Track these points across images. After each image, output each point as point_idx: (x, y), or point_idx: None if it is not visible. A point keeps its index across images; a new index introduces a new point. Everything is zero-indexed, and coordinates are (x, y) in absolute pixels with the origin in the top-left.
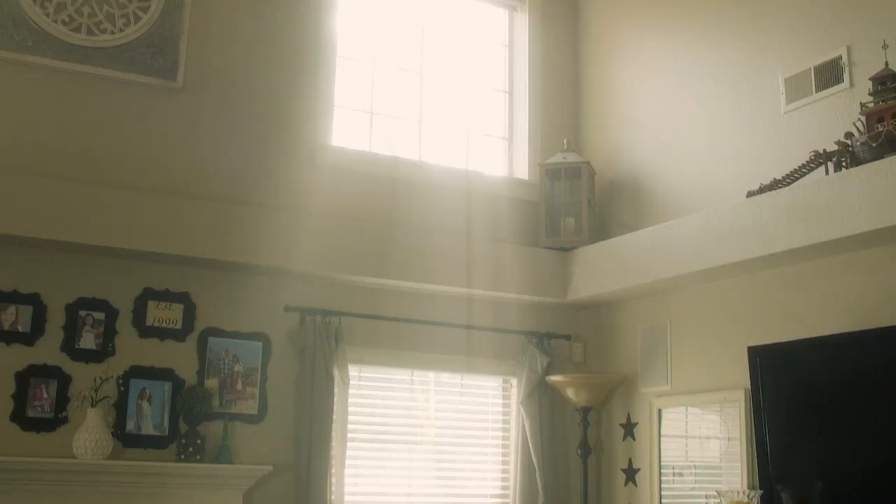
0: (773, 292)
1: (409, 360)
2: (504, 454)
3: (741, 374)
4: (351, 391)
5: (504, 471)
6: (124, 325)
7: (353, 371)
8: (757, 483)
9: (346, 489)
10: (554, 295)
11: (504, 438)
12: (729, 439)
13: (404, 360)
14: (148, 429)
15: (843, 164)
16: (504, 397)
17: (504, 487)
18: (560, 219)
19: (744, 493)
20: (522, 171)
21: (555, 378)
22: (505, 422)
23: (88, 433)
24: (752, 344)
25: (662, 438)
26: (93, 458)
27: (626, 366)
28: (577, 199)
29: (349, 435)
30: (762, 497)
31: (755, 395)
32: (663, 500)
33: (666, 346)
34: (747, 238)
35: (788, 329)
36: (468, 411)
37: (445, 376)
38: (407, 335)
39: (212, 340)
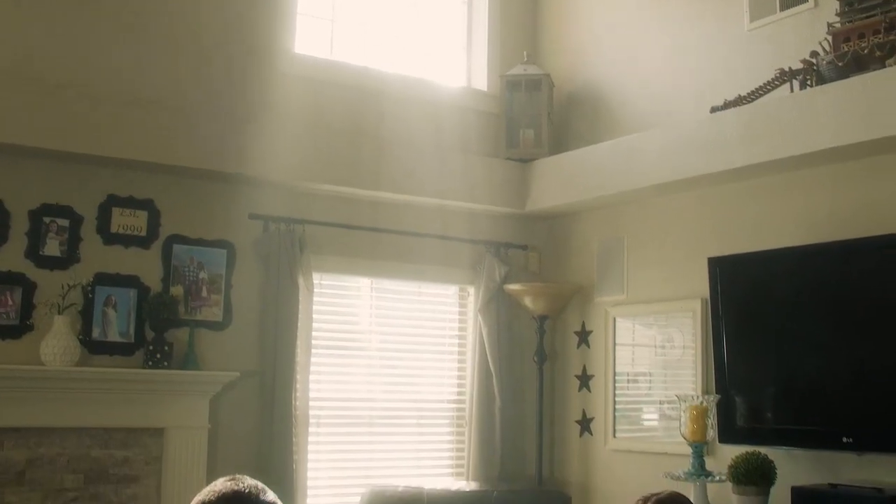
0: (733, 206)
1: (369, 268)
2: (460, 361)
3: (698, 285)
4: (314, 298)
5: (460, 377)
6: (89, 232)
7: (316, 279)
8: (713, 388)
9: (311, 395)
10: (512, 206)
11: (460, 346)
12: (684, 347)
13: (365, 269)
14: (114, 336)
15: (809, 82)
16: (461, 305)
17: (460, 393)
18: (519, 131)
19: (702, 397)
20: (482, 82)
21: (513, 287)
22: (461, 329)
23: (56, 340)
24: (709, 255)
25: (617, 346)
26: (61, 365)
27: (582, 276)
28: (537, 112)
29: (313, 342)
30: (719, 402)
31: (714, 304)
32: (617, 405)
33: (622, 256)
34: (710, 153)
35: (746, 242)
36: (425, 319)
37: (404, 284)
38: (367, 244)
39: (176, 248)
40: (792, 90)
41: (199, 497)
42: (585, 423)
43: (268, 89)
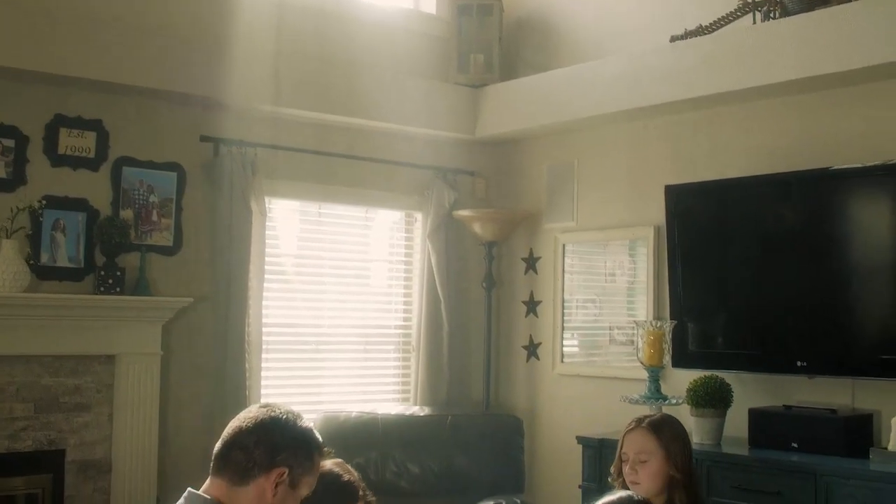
0: (689, 135)
1: (318, 193)
2: (406, 287)
3: (651, 213)
4: (267, 223)
5: (406, 303)
6: (35, 153)
7: (266, 204)
8: (664, 314)
9: (263, 320)
10: (461, 131)
11: (406, 272)
12: (635, 274)
13: (314, 194)
14: (63, 261)
15: (772, 14)
16: (407, 231)
17: (406, 319)
18: (470, 56)
19: (659, 323)
20: (431, 6)
21: (462, 213)
22: (407, 255)
23: (5, 265)
24: (661, 183)
25: (566, 273)
26: (10, 291)
27: (531, 203)
28: (488, 37)
29: (265, 267)
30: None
31: (670, 232)
32: (565, 330)
33: (572, 184)
34: (668, 82)
35: (701, 171)
36: (373, 244)
37: (352, 210)
38: (316, 168)
39: (126, 170)
40: (755, 22)
41: (235, 423)
42: (532, 349)
43: (219, 9)
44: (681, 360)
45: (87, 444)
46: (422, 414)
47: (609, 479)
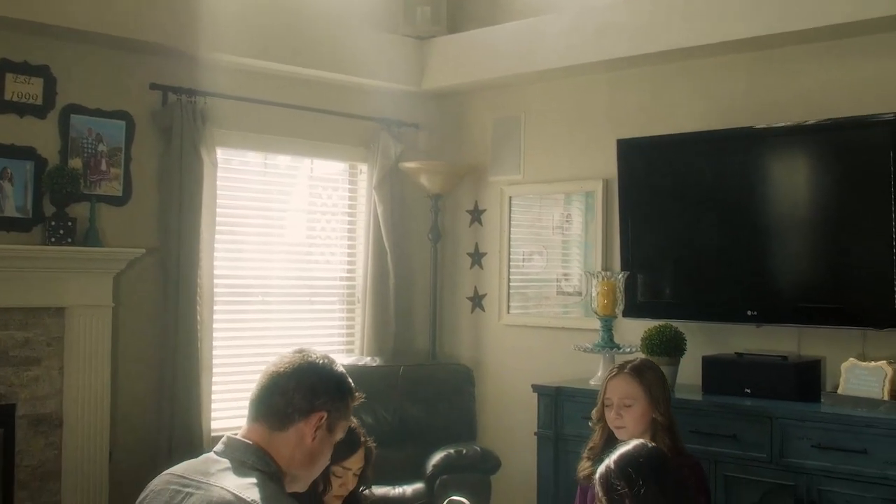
0: (637, 90)
1: (265, 143)
2: (350, 238)
3: (599, 166)
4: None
5: (350, 254)
6: None
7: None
8: (613, 266)
9: (214, 272)
10: (408, 83)
11: (350, 223)
12: (583, 226)
13: (261, 144)
14: (10, 211)
15: None
16: (351, 182)
17: (350, 270)
18: (417, 8)
19: (612, 274)
20: None
21: (409, 165)
22: (351, 206)
23: None
24: (608, 137)
25: (513, 225)
26: None
27: (478, 155)
28: None
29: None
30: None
31: (621, 185)
32: (511, 282)
33: (519, 137)
34: (616, 38)
35: (649, 126)
36: (318, 195)
37: (298, 160)
38: (262, 118)
39: (74, 118)
40: None
41: (271, 369)
42: (477, 300)
43: None
44: (631, 310)
45: (38, 398)
46: (374, 364)
47: (589, 424)
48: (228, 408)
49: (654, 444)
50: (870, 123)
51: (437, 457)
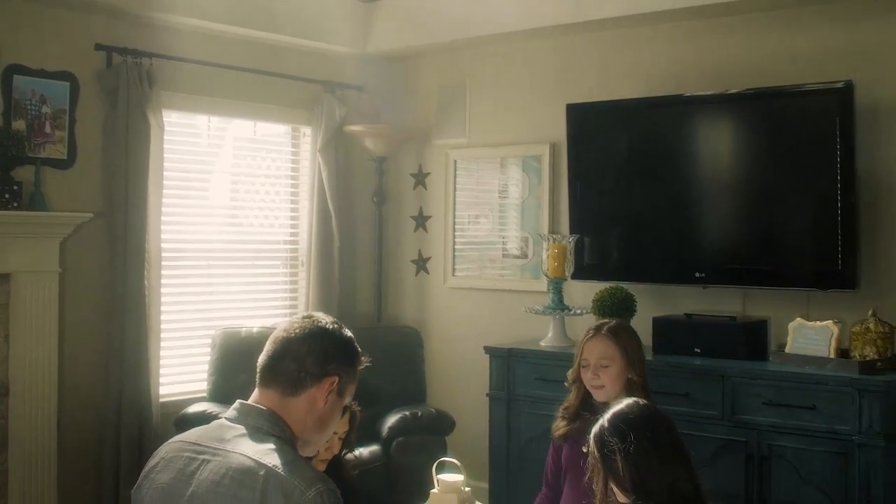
0: (581, 56)
1: (209, 105)
2: (293, 201)
3: (546, 130)
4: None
5: (293, 217)
6: None
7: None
8: (560, 229)
9: (166, 236)
10: (352, 46)
11: (293, 186)
12: (528, 190)
13: (205, 106)
14: None
15: None
16: (294, 145)
17: (293, 234)
18: None
19: (563, 237)
20: None
21: (353, 128)
22: (294, 170)
23: None
24: (554, 102)
25: (458, 189)
26: None
27: (423, 119)
28: None
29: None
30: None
31: (570, 149)
32: (457, 245)
33: (464, 100)
34: (567, 4)
35: (596, 92)
36: (260, 158)
37: (241, 122)
38: (206, 80)
39: (17, 79)
40: None
41: (281, 334)
42: (421, 263)
43: None
44: (579, 273)
45: None
46: None
47: (565, 384)
48: (177, 373)
49: (645, 403)
50: (818, 91)
51: (392, 419)
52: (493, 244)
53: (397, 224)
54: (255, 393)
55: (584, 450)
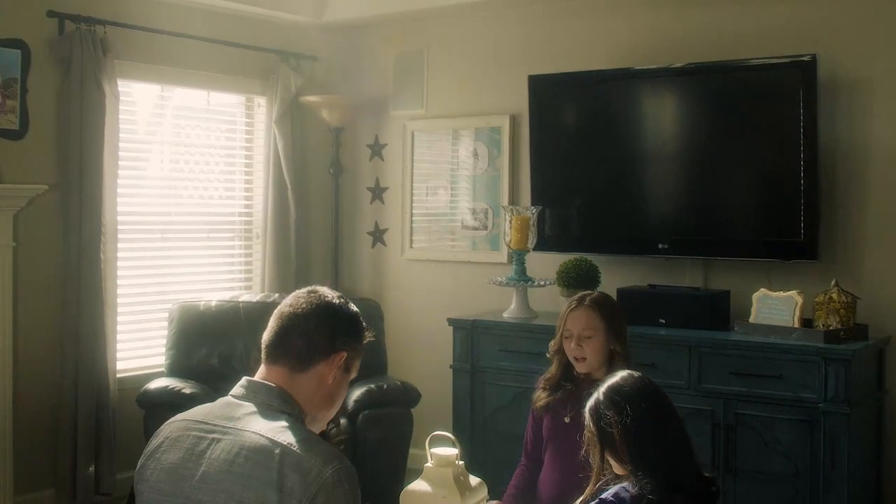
0: (540, 27)
1: (162, 75)
2: (247, 173)
3: (506, 101)
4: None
5: (248, 189)
6: None
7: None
8: (520, 201)
9: (121, 208)
10: (307, 14)
11: (247, 157)
12: (490, 161)
13: (158, 76)
14: None
15: None
16: (248, 116)
17: (247, 206)
18: None
19: (526, 209)
20: None
21: (309, 98)
22: (248, 141)
23: None
24: (513, 74)
25: (416, 160)
26: None
27: (379, 89)
28: None
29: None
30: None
31: (532, 121)
32: (414, 217)
33: (422, 71)
34: None
35: (556, 63)
36: (214, 129)
37: (194, 92)
38: (159, 49)
39: None
40: None
41: (287, 309)
42: (378, 235)
43: None
44: (541, 244)
45: None
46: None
47: (547, 355)
48: (133, 347)
49: (640, 374)
50: (783, 65)
51: (357, 392)
52: (451, 216)
53: (353, 196)
54: (262, 369)
55: (566, 420)
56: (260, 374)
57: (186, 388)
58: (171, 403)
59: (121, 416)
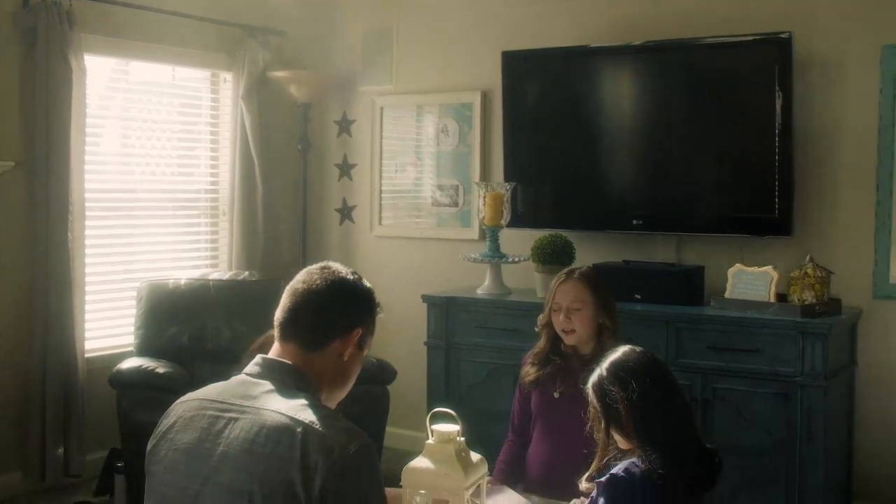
0: (515, 2)
1: (128, 49)
2: (213, 149)
3: (476, 77)
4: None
5: (213, 166)
6: None
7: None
8: (491, 177)
9: (89, 185)
10: None
11: (213, 133)
12: (460, 138)
13: (123, 50)
14: None
15: None
16: (213, 91)
17: (213, 183)
18: None
19: (499, 185)
20: None
21: (278, 74)
22: (214, 116)
23: None
24: (484, 50)
25: (385, 137)
26: None
27: (348, 65)
28: None
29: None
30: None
31: (505, 97)
32: (383, 193)
33: (391, 46)
34: None
35: (533, 38)
36: (180, 104)
37: (159, 67)
38: (124, 22)
39: None
40: None
41: (301, 286)
42: (346, 212)
43: None
44: (514, 221)
45: None
46: (254, 279)
47: (535, 329)
48: (102, 326)
49: (642, 349)
50: (759, 41)
51: None
52: (421, 193)
53: (321, 172)
54: (276, 347)
55: (556, 395)
56: (274, 351)
57: (160, 367)
58: (144, 383)
59: (90, 396)
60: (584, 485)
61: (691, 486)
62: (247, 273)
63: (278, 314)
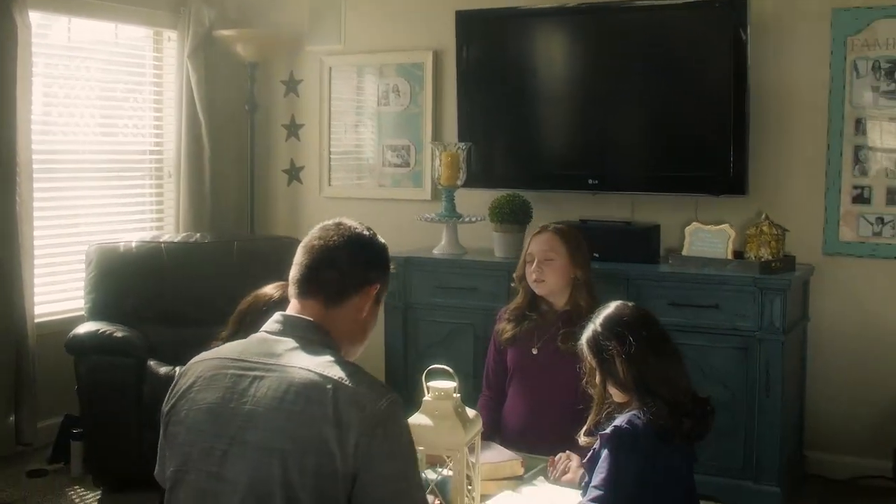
0: None
1: (68, 6)
2: (157, 109)
3: (427, 37)
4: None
5: (157, 126)
6: None
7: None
8: (443, 137)
9: (34, 147)
10: None
11: (157, 93)
12: (411, 98)
13: (64, 6)
14: None
15: None
16: (156, 51)
17: (157, 144)
18: None
19: (454, 145)
20: None
21: (224, 32)
22: (157, 76)
23: None
24: (435, 10)
25: (333, 97)
26: None
27: (295, 24)
28: None
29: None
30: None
31: (459, 57)
32: (333, 153)
33: (340, 5)
34: None
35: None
36: (122, 63)
37: (101, 24)
38: None
39: None
40: None
41: (317, 242)
42: (294, 173)
43: None
44: (469, 181)
45: None
46: (206, 241)
47: (512, 285)
48: (51, 291)
49: (634, 304)
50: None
51: None
52: (371, 153)
53: (268, 133)
54: (294, 304)
55: (534, 352)
56: (293, 308)
57: (117, 331)
58: (102, 347)
59: (42, 359)
60: (582, 439)
61: (688, 435)
62: (198, 235)
63: (294, 271)
